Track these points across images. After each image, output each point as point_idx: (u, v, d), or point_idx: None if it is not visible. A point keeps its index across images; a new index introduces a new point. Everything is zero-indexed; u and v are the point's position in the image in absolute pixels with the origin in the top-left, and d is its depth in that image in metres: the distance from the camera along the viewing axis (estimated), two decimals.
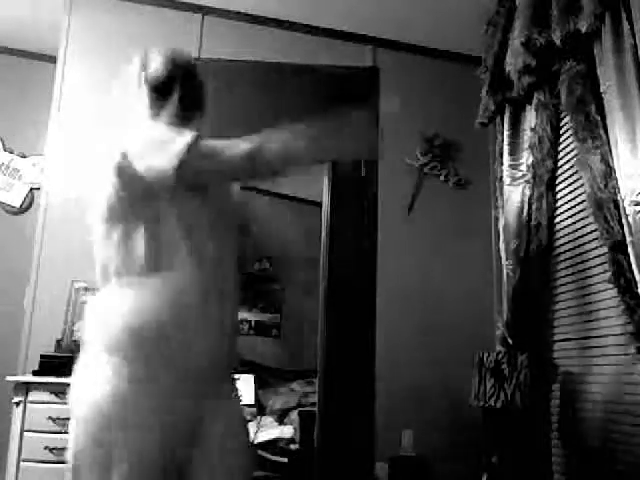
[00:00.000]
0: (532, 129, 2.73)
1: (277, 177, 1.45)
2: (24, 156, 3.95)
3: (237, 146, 1.30)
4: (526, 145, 2.79)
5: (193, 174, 1.26)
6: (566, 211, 2.60)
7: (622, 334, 2.07)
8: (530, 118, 2.77)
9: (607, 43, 2.09)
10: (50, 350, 2.83)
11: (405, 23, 3.46)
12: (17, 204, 3.89)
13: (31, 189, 3.91)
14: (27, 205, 3.90)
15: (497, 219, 3.06)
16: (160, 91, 1.28)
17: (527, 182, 2.75)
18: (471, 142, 3.51)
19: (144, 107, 1.34)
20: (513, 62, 2.63)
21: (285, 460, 2.90)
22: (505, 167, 2.94)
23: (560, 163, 2.66)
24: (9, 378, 2.63)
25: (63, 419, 2.51)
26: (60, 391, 2.55)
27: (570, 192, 2.57)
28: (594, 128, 2.15)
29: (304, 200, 3.38)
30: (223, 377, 1.42)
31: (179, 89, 1.28)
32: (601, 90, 2.13)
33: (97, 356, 1.28)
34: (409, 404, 3.13)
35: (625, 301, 1.97)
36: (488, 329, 3.16)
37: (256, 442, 2.79)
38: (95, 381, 1.26)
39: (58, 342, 2.88)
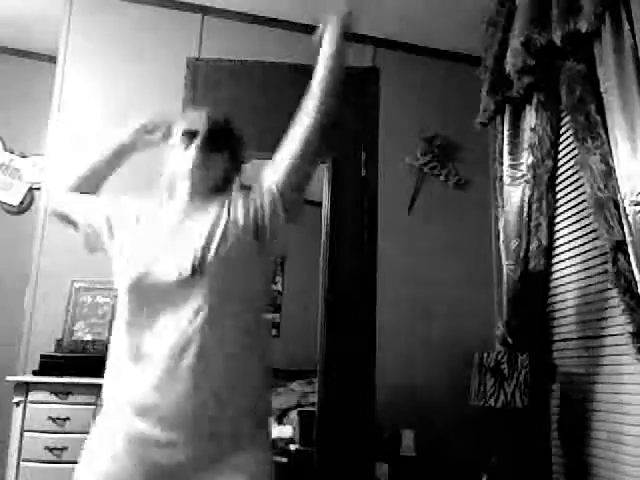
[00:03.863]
0: (532, 129, 2.73)
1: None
2: (24, 156, 3.95)
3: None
4: (526, 145, 2.79)
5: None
6: (566, 211, 2.60)
7: (622, 334, 2.07)
8: (530, 118, 2.77)
9: (607, 43, 2.08)
10: (50, 350, 2.83)
11: (405, 23, 3.45)
12: (17, 204, 3.89)
13: (31, 189, 3.91)
14: (27, 205, 3.90)
15: (497, 219, 3.06)
16: (187, 136, 1.47)
17: (527, 182, 2.75)
18: (471, 142, 3.50)
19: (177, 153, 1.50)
20: (513, 62, 2.63)
21: (285, 460, 2.91)
22: (505, 167, 2.94)
23: (560, 163, 2.66)
24: (9, 378, 2.63)
25: (63, 419, 2.52)
26: (60, 391, 2.56)
27: (570, 192, 2.57)
28: (594, 128, 2.15)
29: (304, 200, 3.38)
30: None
31: (204, 134, 1.46)
32: (601, 90, 2.13)
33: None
34: (409, 404, 3.13)
35: (625, 301, 1.96)
36: (488, 329, 3.16)
37: None
38: None
39: (58, 342, 2.88)
